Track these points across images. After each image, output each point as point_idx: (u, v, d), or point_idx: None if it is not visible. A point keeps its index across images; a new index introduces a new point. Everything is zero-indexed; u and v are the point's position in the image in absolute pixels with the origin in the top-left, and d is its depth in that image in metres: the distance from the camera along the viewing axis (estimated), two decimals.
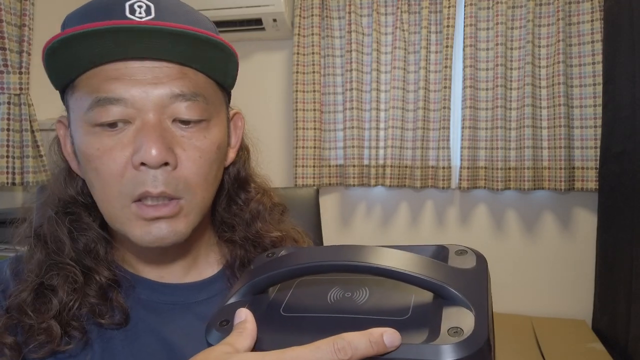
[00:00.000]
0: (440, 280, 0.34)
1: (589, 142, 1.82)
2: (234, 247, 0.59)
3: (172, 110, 0.47)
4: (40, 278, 0.49)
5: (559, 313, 1.92)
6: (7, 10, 1.48)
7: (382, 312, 0.35)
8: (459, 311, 0.32)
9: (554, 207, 1.96)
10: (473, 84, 1.90)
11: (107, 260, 0.52)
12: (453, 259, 0.38)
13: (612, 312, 1.74)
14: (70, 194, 0.54)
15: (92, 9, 0.46)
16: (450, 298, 0.33)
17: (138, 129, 0.46)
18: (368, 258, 0.35)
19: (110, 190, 0.47)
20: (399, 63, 1.96)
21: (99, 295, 0.50)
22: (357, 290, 0.38)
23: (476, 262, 0.37)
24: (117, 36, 0.43)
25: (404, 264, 0.34)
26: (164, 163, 0.46)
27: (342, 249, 0.37)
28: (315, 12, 2.02)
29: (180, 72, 0.47)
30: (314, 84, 2.05)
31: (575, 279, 1.93)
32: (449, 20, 1.91)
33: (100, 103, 0.45)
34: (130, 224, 0.47)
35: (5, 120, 1.50)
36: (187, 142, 0.48)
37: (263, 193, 0.62)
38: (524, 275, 1.98)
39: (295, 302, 0.39)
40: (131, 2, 0.45)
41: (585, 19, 1.81)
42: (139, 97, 0.45)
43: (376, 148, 2.02)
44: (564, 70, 1.80)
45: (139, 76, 0.45)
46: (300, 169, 2.06)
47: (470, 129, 1.90)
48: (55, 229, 0.52)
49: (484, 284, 0.35)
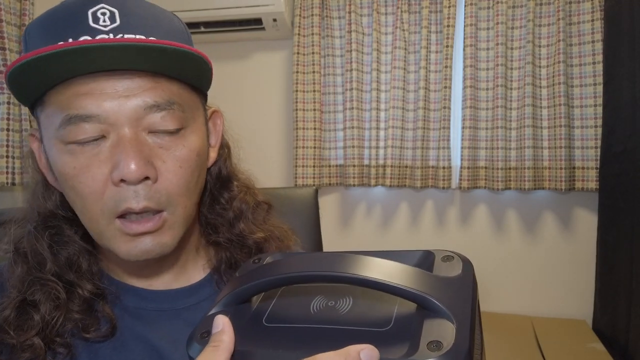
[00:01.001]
0: (423, 290, 0.33)
1: (589, 142, 1.82)
2: (219, 249, 0.58)
3: (147, 121, 0.45)
4: (23, 294, 0.48)
5: (559, 313, 1.92)
6: (7, 10, 1.48)
7: (364, 322, 0.35)
8: (440, 323, 0.32)
9: (554, 207, 1.95)
10: (473, 84, 1.90)
11: (90, 273, 0.51)
12: (439, 266, 0.38)
13: (612, 312, 1.74)
14: (49, 208, 0.52)
15: (54, 19, 0.45)
16: (432, 309, 0.33)
17: (114, 144, 0.44)
18: (350, 268, 0.34)
19: (91, 208, 0.45)
20: (399, 63, 1.96)
21: (83, 309, 0.49)
22: (340, 299, 0.38)
23: (462, 269, 0.37)
24: (85, 53, 0.41)
25: (386, 274, 0.34)
26: (144, 177, 0.44)
27: (326, 258, 0.36)
28: (315, 12, 2.02)
29: (153, 81, 0.45)
30: (314, 84, 2.04)
31: (576, 279, 1.93)
32: (449, 20, 1.90)
33: (72, 121, 0.43)
34: (116, 240, 0.46)
35: (5, 120, 1.50)
36: (165, 153, 0.46)
37: (246, 191, 0.61)
38: (524, 275, 1.98)
39: (278, 312, 0.38)
40: (94, 10, 0.44)
41: (585, 18, 1.81)
42: (112, 112, 0.43)
43: (376, 148, 2.02)
44: (564, 70, 1.80)
45: (109, 89, 0.43)
46: (300, 169, 2.06)
47: (470, 129, 1.90)
48: (34, 244, 0.51)
49: (469, 292, 0.35)
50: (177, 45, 0.43)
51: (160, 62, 0.44)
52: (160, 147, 0.46)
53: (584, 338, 1.67)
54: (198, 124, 0.51)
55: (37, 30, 0.45)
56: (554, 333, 1.72)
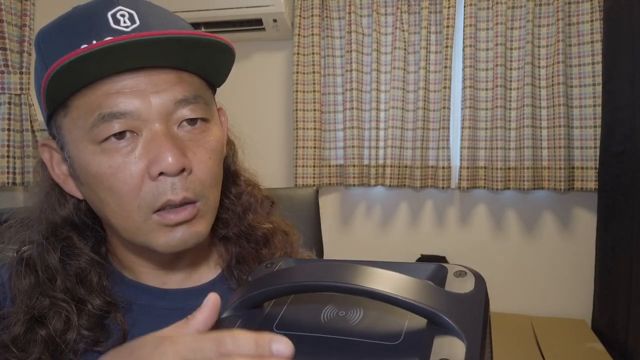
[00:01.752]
0: (434, 306, 0.33)
1: (588, 142, 1.83)
2: (229, 244, 0.59)
3: (177, 116, 0.47)
4: (31, 310, 0.48)
5: (558, 313, 1.93)
6: (7, 10, 1.49)
7: (374, 335, 0.35)
8: (450, 341, 0.32)
9: (553, 207, 1.96)
10: (473, 84, 1.90)
11: (101, 286, 0.51)
12: (451, 281, 0.37)
13: (611, 311, 1.74)
14: (62, 216, 0.52)
15: (72, 23, 0.45)
16: (443, 325, 0.33)
17: (148, 140, 0.45)
18: (363, 280, 0.34)
19: (128, 205, 0.46)
20: (399, 63, 1.96)
21: (93, 325, 0.49)
22: (351, 310, 0.38)
23: (474, 285, 0.36)
24: (115, 52, 0.41)
25: (398, 288, 0.34)
26: (182, 169, 0.45)
27: (339, 268, 0.36)
28: (315, 12, 2.02)
29: (177, 76, 0.47)
30: (314, 84, 2.05)
31: (575, 279, 1.93)
32: (449, 20, 1.91)
33: (105, 119, 0.44)
34: (154, 233, 0.47)
35: (6, 120, 1.50)
36: (195, 145, 0.48)
37: (253, 185, 0.62)
38: (524, 275, 1.99)
39: (289, 319, 0.38)
40: (113, 12, 0.45)
41: (585, 19, 1.81)
42: (144, 108, 0.45)
43: (376, 148, 2.02)
44: (563, 71, 1.80)
45: (138, 87, 0.44)
46: (300, 169, 2.06)
47: (470, 129, 1.91)
48: (45, 257, 0.50)
49: (481, 310, 0.34)
50: (210, 36, 0.44)
51: (187, 55, 0.45)
52: (190, 139, 0.47)
53: (583, 337, 1.68)
54: (217, 118, 0.53)
55: (54, 36, 0.45)
56: (553, 333, 1.72)
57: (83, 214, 0.53)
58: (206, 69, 0.49)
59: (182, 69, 0.47)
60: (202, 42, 0.44)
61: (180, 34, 0.43)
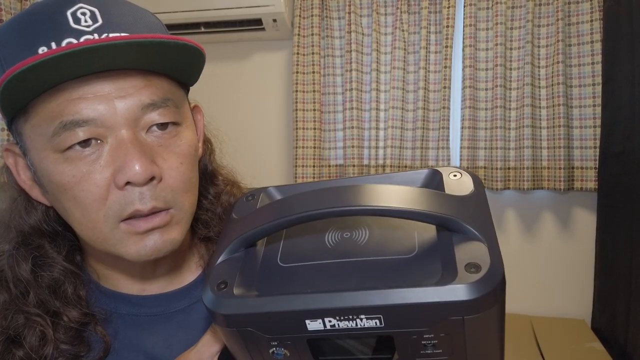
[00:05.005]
0: (447, 212, 0.32)
1: (588, 142, 1.83)
2: (210, 243, 0.57)
3: (144, 121, 0.44)
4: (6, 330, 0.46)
5: (558, 313, 1.93)
6: (7, 10, 1.49)
7: (388, 251, 0.33)
8: (471, 245, 0.31)
9: (553, 207, 1.96)
10: (472, 84, 1.90)
11: (77, 296, 0.49)
12: (450, 185, 0.36)
13: (611, 311, 1.74)
14: (31, 224, 0.49)
15: (29, 23, 0.42)
16: (458, 230, 0.31)
17: (114, 148, 0.42)
18: (368, 199, 0.32)
19: (94, 216, 0.43)
20: (399, 63, 1.96)
21: (71, 338, 0.47)
22: (355, 230, 0.36)
23: (474, 186, 0.35)
24: (76, 56, 0.38)
25: (406, 201, 0.32)
26: (151, 178, 0.43)
27: (336, 192, 0.34)
28: (315, 12, 2.02)
29: (144, 79, 0.43)
30: (314, 84, 2.05)
31: (575, 279, 1.93)
32: (449, 20, 1.91)
33: (68, 127, 0.41)
34: (123, 243, 0.45)
35: None
36: (165, 151, 0.45)
37: (232, 184, 0.60)
38: (523, 275, 1.99)
39: (292, 251, 0.36)
40: (72, 10, 0.42)
41: (584, 19, 1.81)
42: (109, 114, 0.41)
43: (376, 148, 2.02)
44: (563, 71, 1.80)
45: (102, 91, 0.41)
46: (300, 169, 2.06)
47: (469, 129, 1.91)
48: (15, 269, 0.47)
49: (487, 209, 0.34)
50: (177, 39, 0.41)
51: (155, 57, 0.42)
52: (159, 145, 0.45)
53: (582, 337, 1.68)
54: (189, 119, 0.50)
55: (11, 36, 0.42)
56: (553, 332, 1.72)
57: (53, 221, 0.50)
58: (175, 71, 0.46)
59: (150, 70, 0.44)
60: (168, 44, 0.41)
61: (145, 37, 0.40)
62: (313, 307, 0.30)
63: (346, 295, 0.30)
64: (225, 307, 0.32)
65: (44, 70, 0.38)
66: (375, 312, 0.29)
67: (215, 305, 0.33)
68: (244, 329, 0.33)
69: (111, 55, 0.39)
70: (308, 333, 0.31)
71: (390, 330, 0.30)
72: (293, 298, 0.31)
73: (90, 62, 0.39)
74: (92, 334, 0.49)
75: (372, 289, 0.30)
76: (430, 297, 0.28)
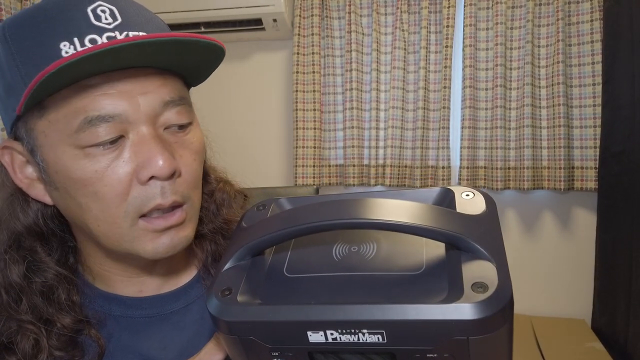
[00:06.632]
0: (457, 230, 0.31)
1: (588, 142, 1.83)
2: (205, 242, 0.57)
3: (164, 118, 0.45)
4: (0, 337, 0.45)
5: (558, 312, 1.93)
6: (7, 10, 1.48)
7: (395, 267, 0.33)
8: (479, 265, 0.30)
9: (553, 207, 1.96)
10: (472, 84, 1.90)
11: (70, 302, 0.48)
12: (461, 204, 0.36)
13: (611, 311, 1.75)
14: (26, 224, 0.49)
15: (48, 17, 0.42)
16: (467, 249, 0.31)
17: (136, 143, 0.43)
18: (376, 213, 0.32)
19: (115, 211, 0.44)
20: (399, 63, 1.96)
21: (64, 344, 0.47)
22: (363, 244, 0.36)
23: (486, 206, 0.35)
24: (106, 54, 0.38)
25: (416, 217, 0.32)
26: (172, 173, 0.44)
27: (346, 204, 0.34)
28: (315, 12, 2.02)
29: (163, 78, 0.45)
30: (314, 84, 2.05)
31: (575, 279, 1.93)
32: (449, 20, 1.91)
33: (93, 123, 0.41)
34: (139, 240, 0.45)
35: None
36: (180, 147, 0.46)
37: (225, 182, 0.61)
38: (524, 274, 1.99)
39: (299, 262, 0.36)
40: (93, 7, 0.42)
41: (584, 19, 1.81)
42: (132, 110, 0.42)
43: (376, 148, 2.02)
44: (563, 70, 1.80)
45: (125, 88, 0.42)
46: (300, 169, 2.06)
47: (469, 129, 1.91)
48: (6, 274, 0.47)
49: (498, 230, 0.33)
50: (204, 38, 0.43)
51: (174, 57, 0.44)
52: (175, 142, 0.46)
53: (583, 337, 1.68)
54: (197, 119, 0.51)
55: (26, 29, 0.42)
56: (553, 332, 1.72)
57: (49, 220, 0.50)
58: (190, 71, 0.48)
59: (166, 70, 0.45)
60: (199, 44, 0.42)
61: (179, 36, 0.41)
62: (314, 318, 0.30)
63: (349, 308, 0.29)
64: (228, 314, 0.32)
65: (75, 67, 0.38)
66: (377, 327, 0.29)
67: (218, 312, 0.32)
68: (246, 337, 0.32)
69: (136, 52, 0.40)
70: (309, 345, 0.31)
71: (393, 347, 0.30)
72: (295, 308, 0.31)
73: (115, 59, 0.40)
74: (86, 338, 0.48)
75: (375, 304, 0.29)
76: (434, 314, 0.28)
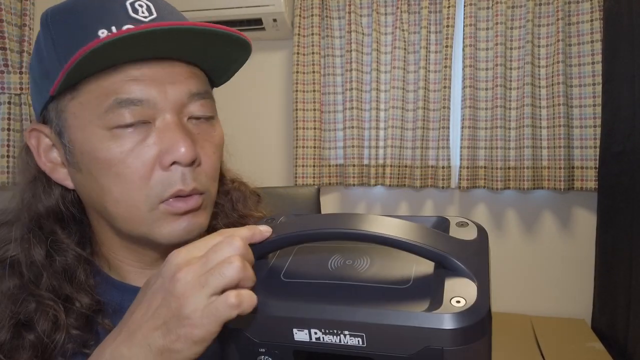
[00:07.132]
0: (444, 250, 0.34)
1: (588, 141, 1.83)
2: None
3: (189, 108, 0.47)
4: (17, 315, 0.46)
5: (558, 312, 1.93)
6: (7, 10, 1.48)
7: (384, 280, 0.35)
8: (461, 282, 0.32)
9: (553, 207, 1.96)
10: (472, 84, 1.90)
11: (88, 284, 0.50)
12: (454, 231, 0.38)
13: (611, 311, 1.75)
14: (47, 206, 0.50)
15: (88, 7, 0.45)
16: (452, 268, 0.33)
17: (161, 129, 0.45)
18: (372, 227, 0.35)
19: (136, 194, 0.45)
20: (399, 63, 1.96)
21: (81, 325, 0.48)
22: (358, 258, 0.39)
23: (477, 234, 0.37)
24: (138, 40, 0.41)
25: (408, 234, 0.34)
26: (193, 160, 0.46)
27: (345, 217, 0.37)
28: (315, 12, 2.02)
29: (189, 70, 0.47)
30: (314, 83, 2.05)
31: (575, 279, 1.93)
32: (449, 20, 1.91)
33: (122, 104, 0.44)
34: (158, 223, 0.47)
35: (6, 120, 1.50)
36: (202, 139, 0.48)
37: (240, 182, 0.63)
38: (524, 274, 1.99)
39: (296, 269, 0.39)
40: (131, 1, 0.45)
41: (584, 18, 1.81)
42: (160, 97, 0.45)
43: (376, 148, 2.02)
44: (563, 70, 1.80)
45: (156, 76, 0.45)
46: (300, 169, 2.06)
47: (469, 129, 1.91)
48: (29, 253, 0.48)
49: (485, 255, 0.35)
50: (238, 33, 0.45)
51: (203, 51, 0.46)
52: (197, 133, 0.48)
53: (583, 337, 1.68)
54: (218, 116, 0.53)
55: (66, 17, 0.45)
56: (553, 332, 1.72)
57: (70, 204, 0.51)
58: (217, 66, 0.50)
59: (193, 63, 0.48)
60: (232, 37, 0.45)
61: (212, 27, 0.43)
62: (300, 315, 0.33)
63: (332, 308, 0.32)
64: None
65: (108, 50, 0.40)
66: (358, 329, 0.31)
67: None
68: (236, 329, 0.35)
69: (167, 42, 0.43)
70: (295, 343, 0.33)
71: (372, 352, 0.32)
72: (284, 304, 0.34)
73: (148, 46, 0.42)
74: (99, 327, 0.49)
75: (357, 306, 0.32)
76: (411, 321, 0.30)
